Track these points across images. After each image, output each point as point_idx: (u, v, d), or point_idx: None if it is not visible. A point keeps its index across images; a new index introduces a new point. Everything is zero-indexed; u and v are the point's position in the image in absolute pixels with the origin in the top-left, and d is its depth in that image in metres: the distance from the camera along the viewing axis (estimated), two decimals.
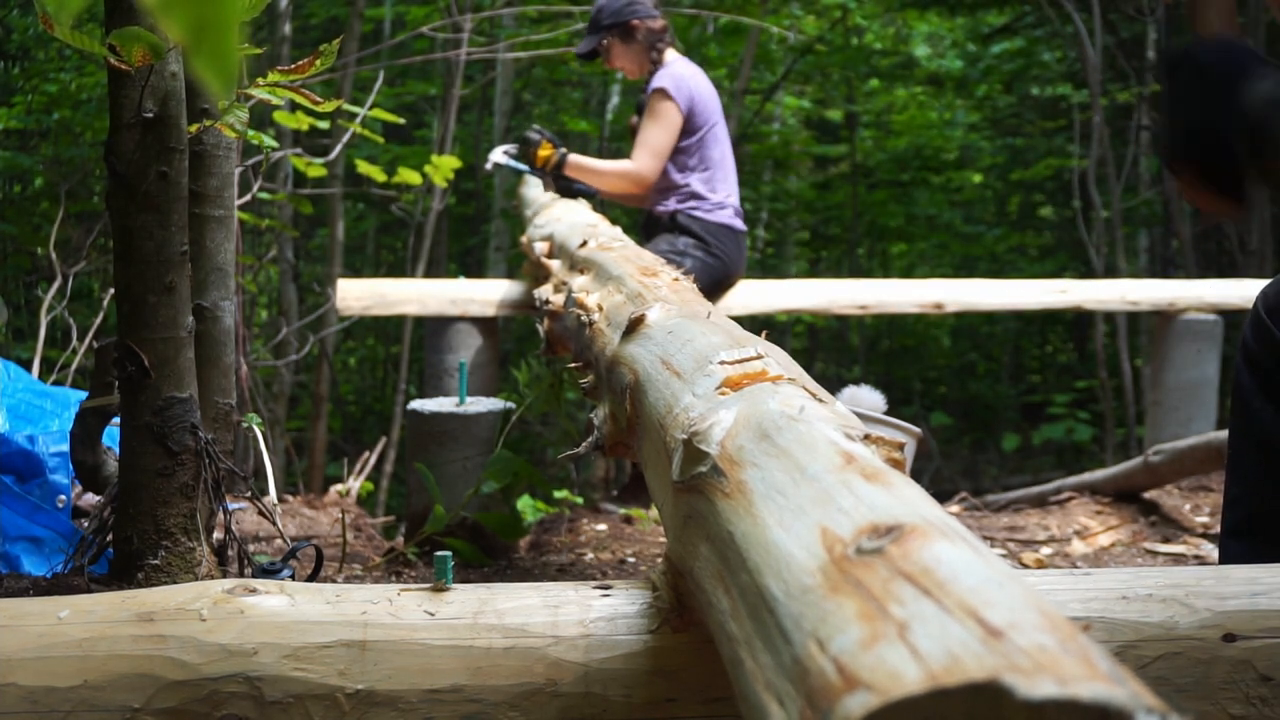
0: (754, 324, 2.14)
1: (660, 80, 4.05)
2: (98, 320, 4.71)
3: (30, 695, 1.14)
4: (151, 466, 1.78)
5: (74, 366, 4.37)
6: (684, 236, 4.07)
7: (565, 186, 4.11)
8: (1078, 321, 10.50)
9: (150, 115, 1.72)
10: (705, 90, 4.15)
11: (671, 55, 4.16)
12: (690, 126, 4.08)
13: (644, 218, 4.26)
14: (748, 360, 1.24)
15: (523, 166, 4.23)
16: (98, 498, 2.09)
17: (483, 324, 4.40)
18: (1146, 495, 4.06)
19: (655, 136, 4.05)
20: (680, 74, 4.09)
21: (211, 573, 1.82)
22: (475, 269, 9.09)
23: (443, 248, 8.59)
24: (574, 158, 4.12)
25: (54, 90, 6.09)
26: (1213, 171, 1.55)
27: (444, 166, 4.92)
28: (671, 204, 4.11)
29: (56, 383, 4.15)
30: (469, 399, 3.39)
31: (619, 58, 4.17)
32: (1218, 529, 3.72)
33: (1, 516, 2.42)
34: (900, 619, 0.65)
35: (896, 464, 0.98)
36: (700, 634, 1.18)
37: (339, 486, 4.11)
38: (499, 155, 4.35)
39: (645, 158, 4.06)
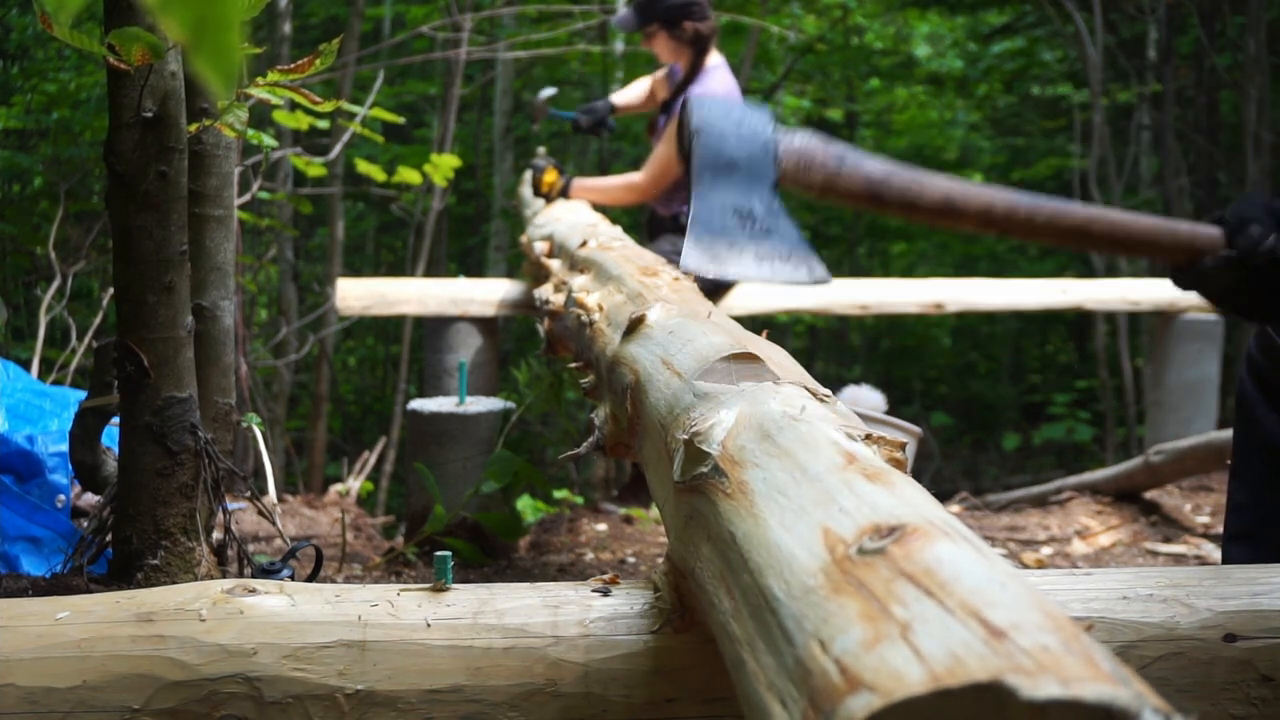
0: (754, 324, 2.14)
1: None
2: (97, 320, 4.70)
3: (29, 695, 1.14)
4: (151, 466, 1.78)
5: (74, 366, 4.36)
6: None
7: None
8: (1078, 321, 10.50)
9: (150, 115, 1.71)
10: None
11: (714, 60, 4.10)
12: None
13: (648, 218, 4.27)
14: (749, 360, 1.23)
15: (568, 114, 4.32)
16: (97, 498, 2.09)
17: (483, 324, 4.40)
18: (1147, 495, 4.06)
19: (670, 155, 4.04)
20: (714, 94, 4.05)
21: (211, 573, 1.82)
22: (475, 269, 9.08)
23: (443, 247, 8.58)
24: (578, 181, 4.14)
25: (54, 90, 6.07)
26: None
27: (444, 166, 4.92)
28: (676, 206, 4.11)
29: (56, 383, 4.15)
30: (469, 399, 3.39)
31: (659, 45, 4.14)
32: (1218, 529, 3.72)
33: (1, 516, 2.42)
34: (903, 620, 0.64)
35: (898, 464, 0.97)
36: (699, 634, 1.18)
37: (339, 486, 4.11)
38: (549, 93, 4.55)
39: (656, 174, 4.05)
